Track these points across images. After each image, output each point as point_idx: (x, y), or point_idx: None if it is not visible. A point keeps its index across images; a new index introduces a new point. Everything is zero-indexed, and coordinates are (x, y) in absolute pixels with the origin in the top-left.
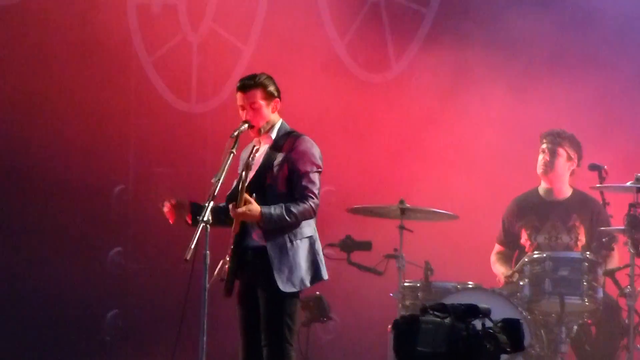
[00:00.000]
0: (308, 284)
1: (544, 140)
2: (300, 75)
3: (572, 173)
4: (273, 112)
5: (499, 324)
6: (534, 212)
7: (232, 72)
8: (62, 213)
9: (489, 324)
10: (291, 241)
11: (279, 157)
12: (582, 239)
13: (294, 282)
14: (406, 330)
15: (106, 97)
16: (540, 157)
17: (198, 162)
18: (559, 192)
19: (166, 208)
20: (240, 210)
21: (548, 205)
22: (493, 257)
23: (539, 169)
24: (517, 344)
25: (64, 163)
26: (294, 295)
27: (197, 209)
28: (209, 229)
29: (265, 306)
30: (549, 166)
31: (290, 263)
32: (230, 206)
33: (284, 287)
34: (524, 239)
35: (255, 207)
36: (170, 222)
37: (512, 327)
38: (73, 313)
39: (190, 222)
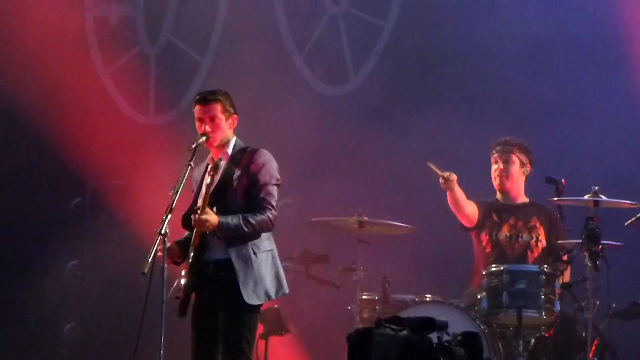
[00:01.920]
0: (273, 296)
1: (495, 150)
2: (258, 87)
3: (525, 180)
4: (230, 128)
5: (459, 337)
6: (495, 210)
7: (190, 84)
8: (19, 225)
9: (446, 337)
10: (255, 253)
11: (238, 171)
12: (543, 240)
13: (259, 295)
14: (360, 343)
15: (63, 109)
16: (494, 167)
17: (155, 175)
18: (517, 197)
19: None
20: (203, 216)
21: (509, 207)
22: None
23: (496, 180)
24: (475, 357)
25: (20, 175)
26: (255, 309)
27: (183, 246)
28: (166, 242)
29: (225, 319)
30: (504, 174)
31: (255, 275)
32: (192, 215)
33: (250, 299)
34: (483, 234)
35: (213, 215)
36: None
37: (470, 341)
38: (31, 326)
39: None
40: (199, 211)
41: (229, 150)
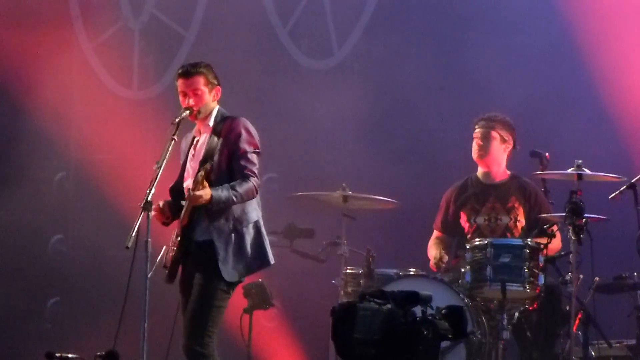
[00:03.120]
0: (255, 269)
1: (477, 126)
2: (242, 61)
3: (509, 156)
4: (214, 100)
5: (443, 311)
6: (473, 194)
7: (174, 58)
8: (2, 200)
9: (430, 311)
10: (237, 230)
11: (219, 142)
12: (522, 220)
13: (239, 270)
14: (343, 317)
15: (47, 83)
16: (474, 142)
17: (139, 149)
18: (497, 175)
19: (154, 213)
20: (198, 192)
21: (486, 188)
22: (430, 243)
23: (474, 154)
24: (459, 331)
25: (3, 150)
26: (229, 288)
27: (174, 208)
28: (150, 216)
29: (197, 291)
30: (484, 150)
31: (236, 252)
32: (187, 193)
33: (230, 276)
34: (463, 220)
35: (207, 190)
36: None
37: (455, 314)
38: (15, 300)
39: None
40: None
41: (211, 122)
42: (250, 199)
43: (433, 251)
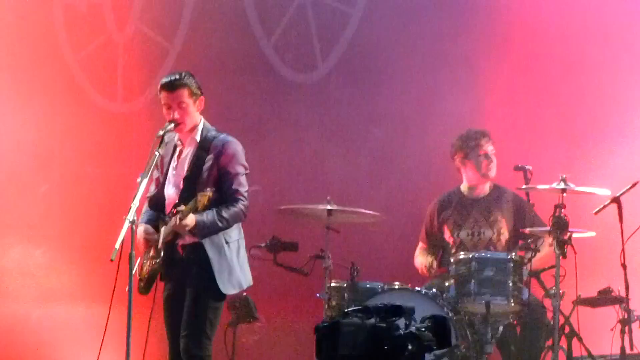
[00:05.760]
0: (244, 286)
1: (483, 142)
2: (226, 74)
3: None
4: (198, 110)
5: (427, 321)
6: (456, 208)
7: (158, 71)
8: None
9: (414, 323)
10: (227, 242)
11: (208, 160)
12: (505, 233)
13: (233, 284)
14: (327, 334)
15: (31, 96)
16: (484, 159)
17: (123, 162)
18: (482, 190)
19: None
20: (184, 222)
21: (469, 202)
22: (416, 253)
23: (485, 171)
24: (444, 341)
25: None
26: (224, 297)
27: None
28: (134, 229)
29: (192, 301)
30: (494, 167)
31: (228, 265)
32: (173, 218)
33: (226, 289)
34: (447, 235)
35: (192, 217)
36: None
37: (439, 324)
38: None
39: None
40: (179, 215)
41: (197, 137)
42: (238, 222)
43: (421, 258)
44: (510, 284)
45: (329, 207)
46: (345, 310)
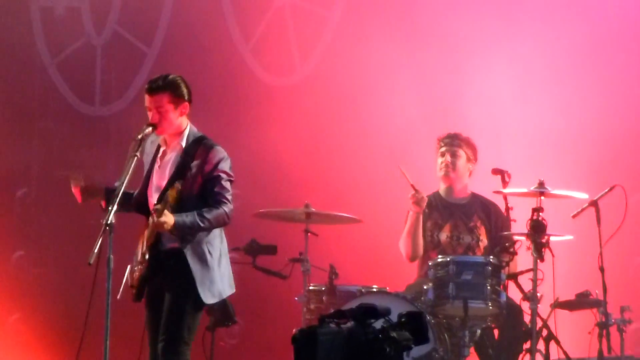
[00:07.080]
0: (224, 296)
1: (443, 143)
2: (205, 78)
3: (470, 175)
4: (181, 115)
5: (403, 319)
6: (437, 209)
7: (136, 75)
8: None
9: (391, 321)
10: (210, 252)
11: (193, 167)
12: (484, 239)
13: (214, 294)
14: (305, 343)
15: (9, 99)
16: (441, 159)
17: (101, 166)
18: (460, 193)
19: (74, 187)
20: (162, 219)
21: (450, 205)
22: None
23: (441, 171)
24: (420, 337)
25: None
26: (203, 305)
27: (110, 195)
28: (112, 233)
29: (170, 306)
30: (451, 167)
31: (210, 275)
32: (151, 218)
33: (206, 298)
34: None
35: (170, 216)
36: (79, 201)
37: (414, 320)
38: None
39: (104, 206)
40: (156, 214)
41: (183, 142)
42: (222, 225)
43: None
44: (488, 287)
45: (307, 211)
46: (321, 316)
